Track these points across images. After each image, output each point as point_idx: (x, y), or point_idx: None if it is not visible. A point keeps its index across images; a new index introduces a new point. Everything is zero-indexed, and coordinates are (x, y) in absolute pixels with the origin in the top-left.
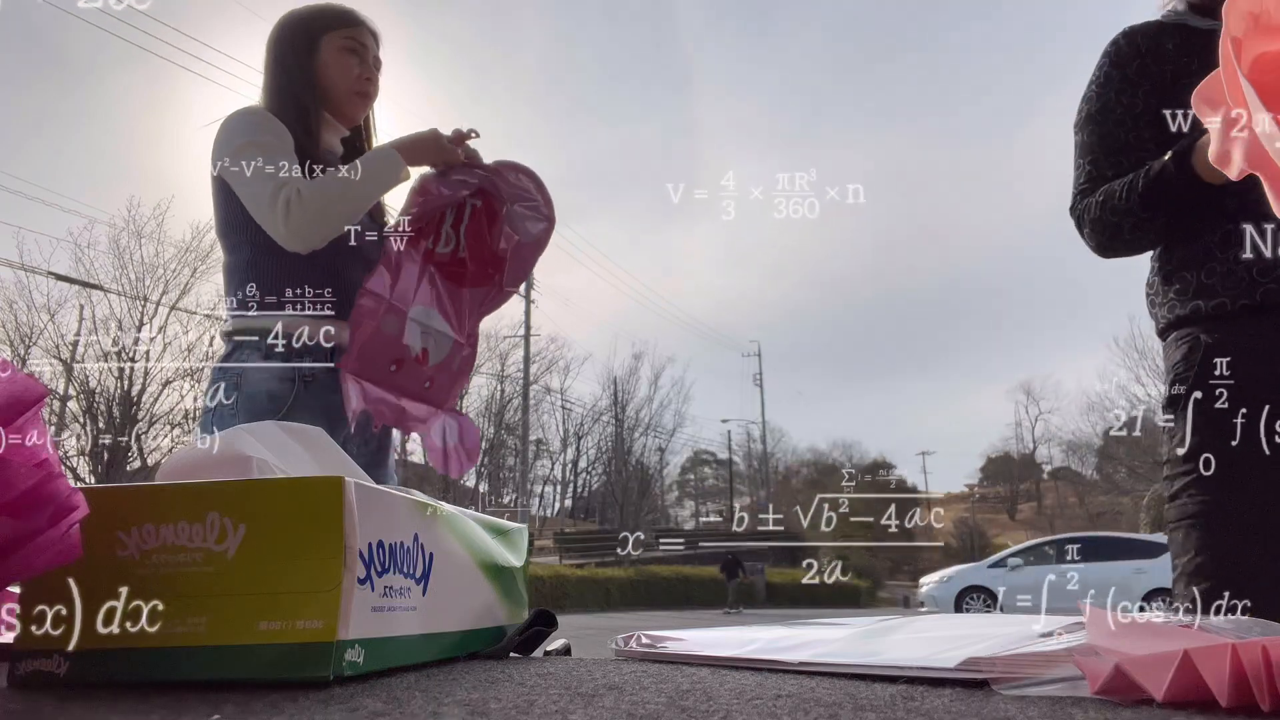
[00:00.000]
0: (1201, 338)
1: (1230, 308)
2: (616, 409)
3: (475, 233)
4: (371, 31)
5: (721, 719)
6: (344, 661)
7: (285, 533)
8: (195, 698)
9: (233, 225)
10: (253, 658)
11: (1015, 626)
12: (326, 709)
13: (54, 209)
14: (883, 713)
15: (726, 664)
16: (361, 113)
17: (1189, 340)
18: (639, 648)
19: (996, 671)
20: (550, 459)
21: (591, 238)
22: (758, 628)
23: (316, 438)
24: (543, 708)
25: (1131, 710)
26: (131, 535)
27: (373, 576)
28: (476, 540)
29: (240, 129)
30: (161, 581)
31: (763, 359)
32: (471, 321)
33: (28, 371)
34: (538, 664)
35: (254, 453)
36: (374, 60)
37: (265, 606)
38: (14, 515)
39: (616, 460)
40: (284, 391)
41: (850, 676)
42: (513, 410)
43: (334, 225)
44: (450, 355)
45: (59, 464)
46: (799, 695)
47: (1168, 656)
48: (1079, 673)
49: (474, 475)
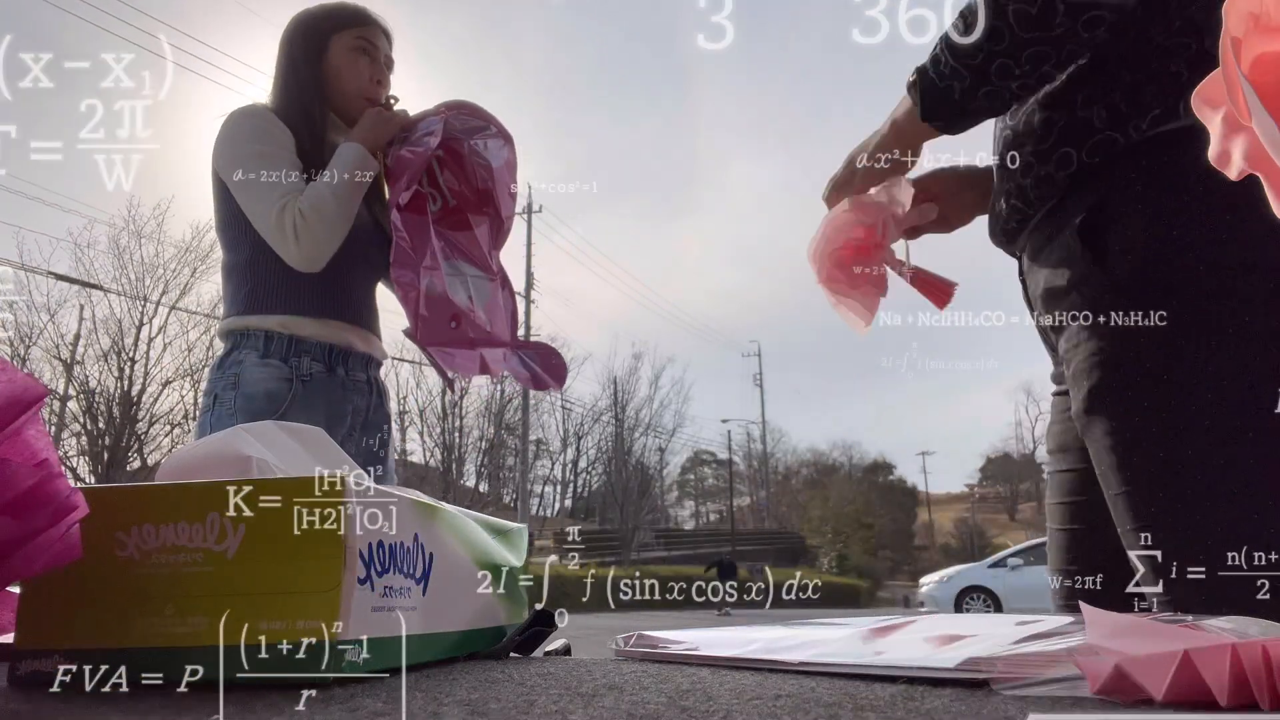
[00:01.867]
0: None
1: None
2: (616, 409)
3: (453, 180)
4: (384, 31)
5: (721, 719)
6: (344, 661)
7: (285, 533)
8: (195, 698)
9: (232, 223)
10: (253, 658)
11: (1015, 626)
12: (326, 709)
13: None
14: (883, 713)
15: (726, 664)
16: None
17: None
18: (639, 648)
19: (996, 671)
20: (550, 459)
21: (592, 237)
22: (758, 628)
23: (316, 438)
24: (543, 708)
25: (1131, 710)
26: (131, 535)
27: (373, 576)
28: (476, 540)
29: (243, 135)
30: (161, 581)
31: (763, 359)
32: (495, 258)
33: (28, 371)
34: (538, 664)
35: (254, 453)
36: (385, 60)
37: (265, 606)
38: (14, 515)
39: (616, 460)
40: (282, 391)
41: (850, 676)
42: (513, 410)
43: (338, 236)
44: (493, 295)
45: (59, 464)
46: (799, 695)
47: (1168, 656)
48: (1079, 673)
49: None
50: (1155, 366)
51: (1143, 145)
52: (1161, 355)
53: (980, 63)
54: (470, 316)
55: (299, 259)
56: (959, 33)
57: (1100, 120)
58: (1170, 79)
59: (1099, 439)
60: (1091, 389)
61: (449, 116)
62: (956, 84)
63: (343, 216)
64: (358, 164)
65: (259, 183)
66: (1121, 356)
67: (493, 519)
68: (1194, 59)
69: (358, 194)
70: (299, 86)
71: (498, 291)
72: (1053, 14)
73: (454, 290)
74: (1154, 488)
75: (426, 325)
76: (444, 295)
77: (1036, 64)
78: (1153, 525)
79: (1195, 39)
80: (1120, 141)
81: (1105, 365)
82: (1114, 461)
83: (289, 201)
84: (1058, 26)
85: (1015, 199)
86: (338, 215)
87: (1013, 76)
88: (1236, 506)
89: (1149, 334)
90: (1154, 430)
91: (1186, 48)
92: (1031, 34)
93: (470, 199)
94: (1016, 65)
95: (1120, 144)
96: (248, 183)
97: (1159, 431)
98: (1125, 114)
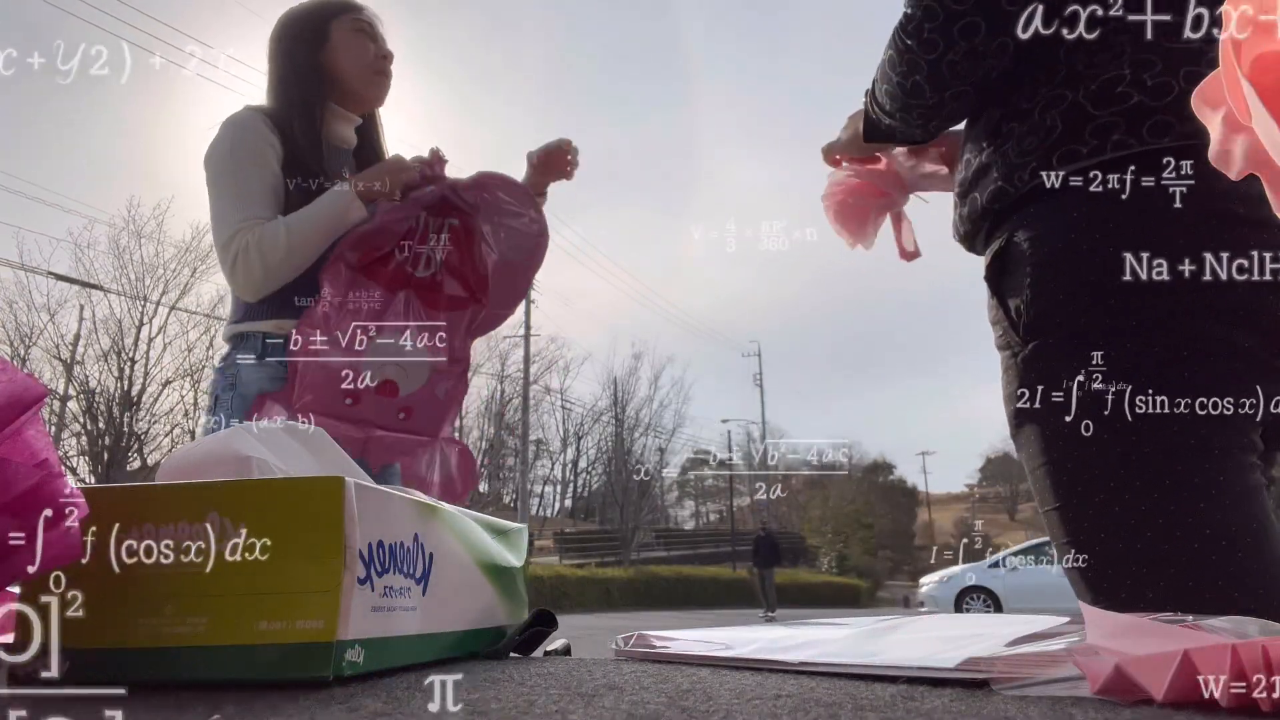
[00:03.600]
0: None
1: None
2: (616, 409)
3: (452, 253)
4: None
5: (721, 719)
6: (344, 661)
7: (285, 533)
8: (195, 698)
9: None
10: (253, 658)
11: (1015, 626)
12: (327, 709)
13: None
14: (883, 713)
15: (726, 664)
16: (381, 93)
17: None
18: (639, 648)
19: (996, 671)
20: (550, 459)
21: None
22: (758, 628)
23: (316, 438)
24: (543, 708)
25: (1131, 710)
26: (131, 535)
27: (373, 576)
28: (476, 540)
29: (222, 150)
30: (161, 581)
31: (763, 359)
32: (460, 345)
33: (28, 371)
34: (538, 664)
35: (254, 453)
36: (385, 43)
37: (265, 606)
38: (14, 515)
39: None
40: (274, 390)
41: (850, 676)
42: (513, 410)
43: (281, 276)
44: (430, 384)
45: (59, 464)
46: (799, 695)
47: (1168, 656)
48: (1079, 673)
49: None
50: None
51: (1029, 195)
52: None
53: (888, 111)
54: (375, 398)
55: (235, 289)
56: (877, 81)
57: (998, 169)
58: (1045, 132)
59: (1026, 460)
60: (1011, 416)
61: (484, 189)
62: (881, 120)
63: (290, 262)
64: (332, 214)
65: (221, 203)
66: (1026, 392)
67: (493, 519)
68: (1067, 111)
69: (322, 239)
70: (297, 79)
71: (440, 383)
72: (920, 91)
73: (367, 366)
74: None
75: (314, 394)
76: (336, 372)
77: (925, 120)
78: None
79: (1072, 90)
80: (1011, 191)
81: (1018, 397)
82: (1040, 483)
83: (241, 229)
84: (930, 98)
85: (955, 228)
86: (284, 260)
87: (913, 122)
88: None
89: (1044, 370)
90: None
91: (1062, 99)
92: (913, 100)
93: (462, 278)
94: (910, 119)
95: (1011, 193)
96: (214, 200)
97: (1061, 461)
98: (1014, 164)
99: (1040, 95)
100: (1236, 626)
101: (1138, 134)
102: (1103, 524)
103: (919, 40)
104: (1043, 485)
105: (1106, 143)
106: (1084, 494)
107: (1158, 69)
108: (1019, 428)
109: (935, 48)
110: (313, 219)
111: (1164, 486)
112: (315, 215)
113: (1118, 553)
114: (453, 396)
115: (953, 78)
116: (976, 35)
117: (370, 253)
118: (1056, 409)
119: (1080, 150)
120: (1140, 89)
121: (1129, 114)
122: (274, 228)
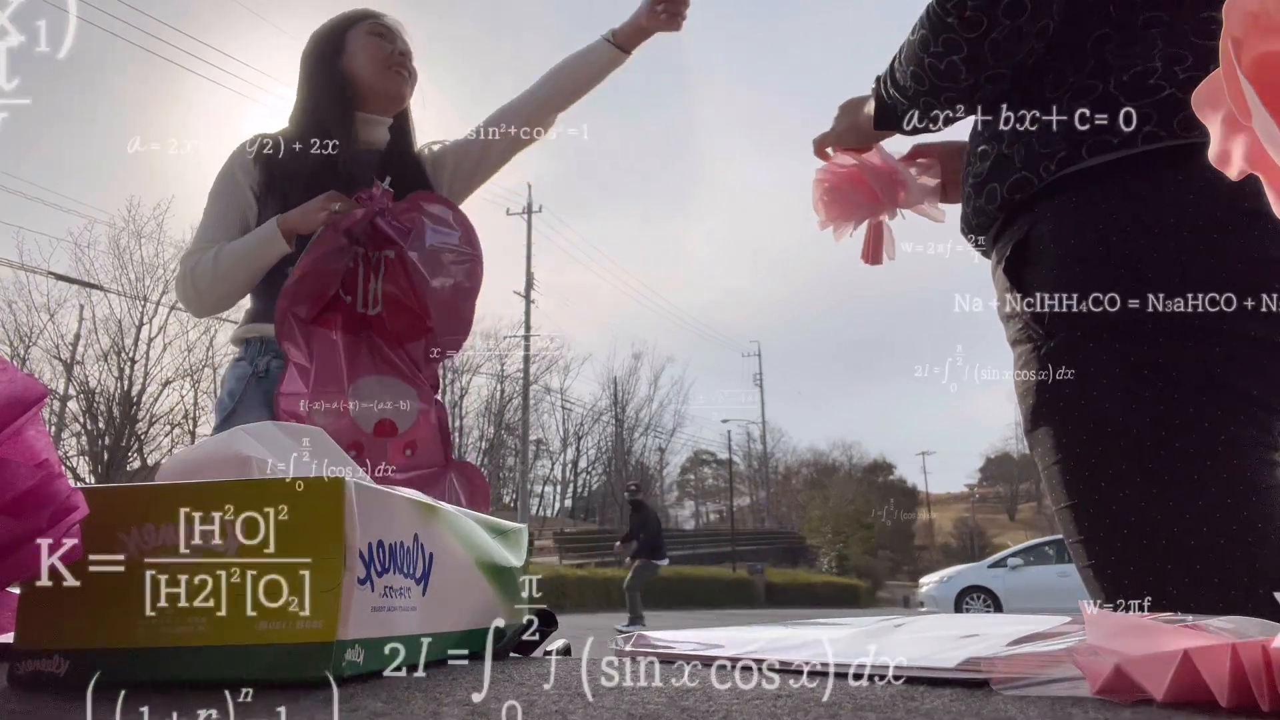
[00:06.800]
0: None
1: None
2: (616, 409)
3: (390, 286)
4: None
5: (721, 719)
6: (344, 661)
7: (285, 533)
8: (195, 698)
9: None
10: (253, 658)
11: (1015, 626)
12: (327, 709)
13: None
14: (883, 713)
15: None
16: (400, 88)
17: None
18: (639, 648)
19: (996, 671)
20: (550, 459)
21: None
22: (758, 628)
23: (317, 438)
24: (543, 708)
25: (1131, 710)
26: (131, 535)
27: (373, 576)
28: (476, 540)
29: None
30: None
31: (763, 359)
32: (427, 373)
33: (28, 371)
34: (538, 664)
35: (254, 453)
36: (403, 44)
37: (265, 607)
38: (14, 515)
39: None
40: (239, 387)
41: (850, 676)
42: (513, 410)
43: (214, 298)
44: (422, 415)
45: (59, 464)
46: (799, 695)
47: (1168, 656)
48: (1079, 673)
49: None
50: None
51: (1054, 185)
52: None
53: (910, 96)
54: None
55: (185, 307)
56: (898, 63)
57: (1020, 159)
58: (1074, 122)
59: (1041, 456)
60: (1028, 412)
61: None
62: (898, 106)
63: (217, 289)
64: (254, 245)
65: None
66: (1048, 386)
67: (493, 519)
68: (1098, 101)
69: (245, 269)
70: (320, 93)
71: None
72: (955, 73)
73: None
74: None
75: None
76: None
77: (952, 105)
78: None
79: (1103, 81)
80: (1035, 181)
81: (1038, 390)
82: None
83: (190, 253)
84: (964, 80)
85: (966, 220)
86: (211, 287)
87: (938, 107)
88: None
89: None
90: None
91: (1092, 89)
92: (944, 83)
93: (408, 309)
94: (937, 104)
95: (1035, 184)
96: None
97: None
98: (1039, 154)
99: (1067, 85)
100: (1237, 626)
101: (1169, 127)
102: (1129, 519)
103: (960, 18)
104: (1061, 480)
105: (1139, 135)
106: (1109, 489)
107: (1189, 63)
108: (1037, 422)
109: (978, 26)
110: (237, 250)
111: (1193, 483)
112: (241, 246)
113: (1144, 549)
114: (443, 422)
115: (994, 59)
116: (1022, 14)
117: (316, 302)
118: (1084, 403)
119: (1111, 141)
120: (1172, 82)
121: (1160, 106)
122: (209, 255)
